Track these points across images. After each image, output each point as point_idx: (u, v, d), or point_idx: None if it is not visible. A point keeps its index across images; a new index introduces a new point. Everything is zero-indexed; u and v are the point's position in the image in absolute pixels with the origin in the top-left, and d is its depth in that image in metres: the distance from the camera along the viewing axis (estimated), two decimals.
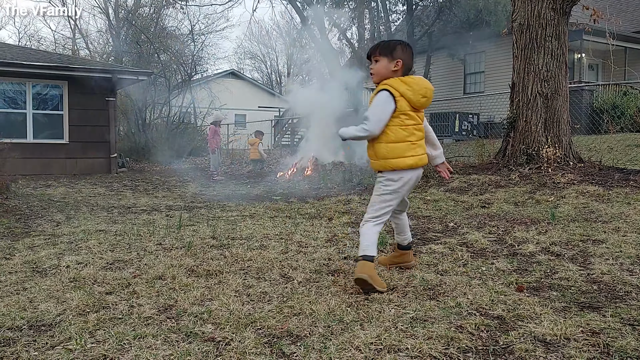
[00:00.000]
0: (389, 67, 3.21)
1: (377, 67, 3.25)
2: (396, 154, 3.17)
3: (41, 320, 2.62)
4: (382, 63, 3.23)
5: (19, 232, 5.17)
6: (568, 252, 3.96)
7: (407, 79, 3.19)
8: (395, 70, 3.21)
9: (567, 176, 7.07)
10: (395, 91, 3.12)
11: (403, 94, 3.13)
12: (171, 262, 3.76)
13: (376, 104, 3.15)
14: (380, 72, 3.24)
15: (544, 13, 7.89)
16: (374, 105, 3.16)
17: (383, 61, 3.22)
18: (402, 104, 3.13)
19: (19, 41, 41.84)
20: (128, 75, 15.53)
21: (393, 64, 3.21)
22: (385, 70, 3.22)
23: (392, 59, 3.20)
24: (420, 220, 5.64)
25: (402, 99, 3.12)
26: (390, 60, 3.21)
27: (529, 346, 2.25)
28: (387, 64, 3.21)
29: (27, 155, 13.33)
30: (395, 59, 3.20)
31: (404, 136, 3.17)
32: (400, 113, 3.14)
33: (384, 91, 3.14)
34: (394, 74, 3.22)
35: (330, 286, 3.18)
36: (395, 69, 3.21)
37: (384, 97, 3.13)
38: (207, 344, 2.30)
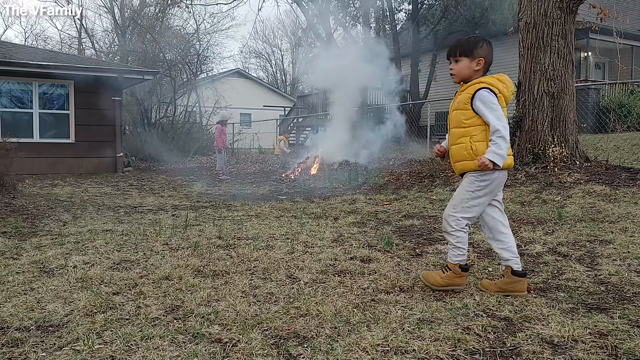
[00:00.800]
0: (471, 66, 3.10)
1: (458, 68, 3.13)
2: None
3: (49, 321, 2.63)
4: (463, 63, 3.11)
5: (26, 231, 5.19)
6: (575, 253, 3.94)
7: (501, 77, 3.11)
8: (477, 70, 3.11)
9: (573, 176, 7.04)
10: (496, 89, 3.04)
11: (501, 92, 3.06)
12: (178, 263, 3.77)
13: (492, 105, 2.97)
14: (462, 72, 3.13)
15: (551, 12, 7.86)
16: (490, 106, 2.97)
17: (464, 61, 3.10)
18: (501, 100, 3.05)
19: (25, 41, 42.01)
20: (134, 74, 15.57)
21: (475, 63, 3.10)
22: (467, 70, 3.11)
23: (474, 57, 3.09)
24: (427, 220, 5.63)
25: (501, 96, 3.05)
26: (471, 59, 3.09)
27: (536, 348, 2.25)
28: (469, 64, 3.10)
29: (34, 154, 13.38)
30: (477, 57, 3.09)
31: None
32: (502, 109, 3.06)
33: (486, 89, 3.01)
34: (475, 74, 3.11)
35: (336, 287, 3.18)
36: (478, 68, 3.10)
37: (490, 95, 2.99)
38: (214, 345, 2.31)
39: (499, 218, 3.14)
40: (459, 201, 3.08)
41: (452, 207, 3.11)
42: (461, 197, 3.08)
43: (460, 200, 3.08)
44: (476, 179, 3.04)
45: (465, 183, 3.10)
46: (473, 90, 3.03)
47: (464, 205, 3.06)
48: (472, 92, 3.03)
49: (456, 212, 3.08)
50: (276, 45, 56.48)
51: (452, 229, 3.08)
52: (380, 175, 9.90)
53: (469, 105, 3.03)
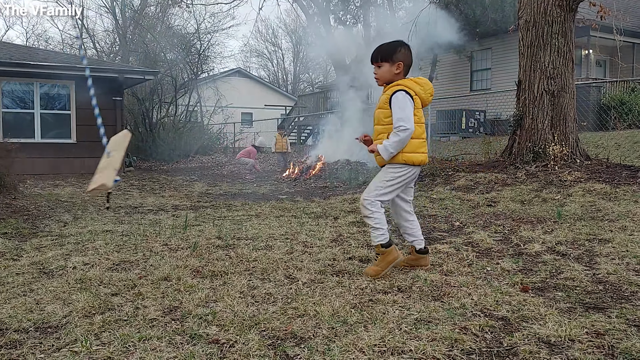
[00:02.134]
0: (392, 70, 3.41)
1: (380, 72, 3.45)
2: (411, 149, 3.35)
3: (47, 322, 2.64)
4: (384, 68, 3.42)
5: (26, 232, 5.20)
6: (574, 252, 3.94)
7: (418, 79, 3.43)
8: (397, 73, 3.42)
9: (574, 174, 7.04)
10: (411, 91, 3.33)
11: (417, 94, 3.36)
12: (177, 263, 3.78)
13: (401, 104, 3.27)
14: (384, 76, 3.44)
15: (551, 10, 7.85)
16: (400, 105, 3.27)
17: (385, 66, 3.42)
18: (417, 101, 3.36)
19: (26, 41, 42.09)
20: (135, 74, 15.59)
21: (395, 67, 3.40)
22: (388, 74, 3.42)
23: (393, 62, 3.40)
24: (426, 219, 5.63)
25: (417, 97, 3.35)
26: (392, 64, 3.40)
27: (533, 348, 2.25)
28: (390, 68, 3.41)
29: (35, 155, 13.40)
30: (396, 62, 3.40)
31: (419, 133, 3.39)
32: (416, 110, 3.34)
33: (401, 91, 3.30)
34: (397, 77, 3.42)
35: (334, 287, 3.19)
36: (398, 71, 3.41)
37: (403, 96, 3.29)
38: (212, 346, 2.31)
39: (407, 210, 3.60)
40: (373, 188, 3.40)
41: (367, 192, 3.42)
42: (376, 184, 3.41)
43: (375, 187, 3.40)
44: (392, 170, 3.38)
45: (381, 173, 3.44)
46: (391, 92, 3.33)
47: (379, 191, 3.38)
48: (390, 94, 3.33)
49: (370, 195, 3.38)
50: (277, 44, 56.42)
51: (369, 212, 3.37)
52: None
53: (388, 105, 3.34)
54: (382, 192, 3.38)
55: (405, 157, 3.34)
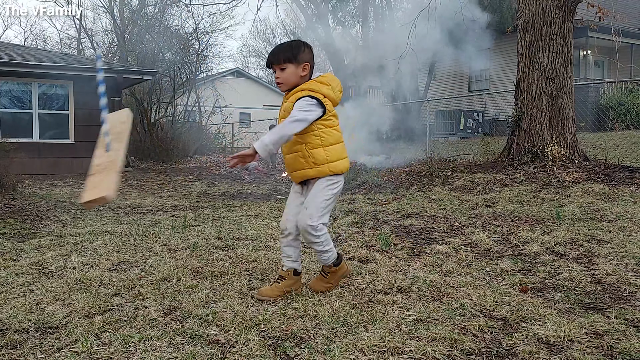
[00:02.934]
0: (298, 72, 3.00)
1: (284, 76, 3.01)
2: (336, 156, 3.01)
3: (47, 323, 2.64)
4: (289, 69, 2.99)
5: (25, 233, 5.20)
6: (572, 252, 3.95)
7: (323, 78, 3.03)
8: (304, 75, 3.01)
9: (572, 174, 7.06)
10: (319, 94, 2.94)
11: (327, 95, 2.98)
12: (176, 264, 3.78)
13: (303, 106, 2.87)
14: (289, 80, 3.01)
15: (549, 11, 7.87)
16: (301, 107, 2.86)
17: (290, 67, 2.98)
18: (329, 105, 2.98)
19: (24, 41, 42.01)
20: (133, 74, 15.59)
21: (301, 69, 3.00)
22: (294, 77, 3.00)
23: (299, 63, 2.99)
24: (425, 220, 5.64)
25: (327, 100, 2.97)
26: (297, 65, 2.99)
27: (532, 348, 2.26)
28: (295, 70, 2.99)
29: (34, 155, 13.39)
30: (302, 62, 2.99)
31: (338, 137, 3.05)
32: (330, 115, 2.99)
33: (308, 97, 2.90)
34: (302, 79, 3.01)
35: (334, 287, 3.19)
36: (304, 73, 3.01)
37: (307, 103, 2.88)
38: (212, 347, 2.32)
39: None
40: (314, 212, 2.97)
41: (308, 218, 2.97)
42: (317, 205, 2.98)
43: (315, 210, 2.98)
44: (327, 186, 3.00)
45: (317, 191, 3.01)
46: (295, 98, 2.93)
47: (319, 213, 2.98)
48: (294, 102, 2.93)
49: (314, 221, 2.96)
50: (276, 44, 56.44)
51: (315, 237, 2.99)
52: (380, 174, 9.91)
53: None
54: (323, 213, 3.00)
55: (332, 167, 2.98)
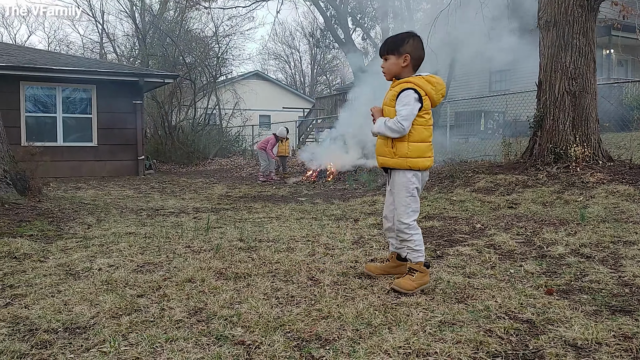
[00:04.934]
0: (399, 63, 3.21)
1: (387, 65, 3.26)
2: (417, 153, 3.17)
3: (76, 323, 2.69)
4: (391, 60, 3.23)
5: (51, 234, 5.28)
6: (598, 254, 3.90)
7: (430, 78, 3.19)
8: (405, 66, 3.21)
9: (596, 175, 6.96)
10: (422, 90, 3.12)
11: (428, 93, 3.14)
12: (200, 265, 3.81)
13: (406, 101, 3.09)
14: (391, 69, 3.25)
15: (571, 10, 7.78)
16: (405, 102, 3.09)
17: (392, 58, 3.22)
18: (427, 103, 3.14)
19: (48, 46, 42.74)
20: (154, 78, 15.78)
21: (402, 60, 3.20)
22: (395, 67, 3.22)
23: (400, 54, 3.20)
24: (447, 222, 5.61)
25: (427, 98, 3.13)
26: (397, 56, 3.20)
27: (559, 351, 2.24)
28: (396, 61, 3.21)
29: (58, 158, 13.61)
30: (402, 54, 3.19)
31: (426, 136, 3.20)
32: (425, 112, 3.15)
33: (410, 90, 3.10)
34: (404, 70, 3.22)
35: (357, 289, 3.20)
36: (405, 64, 3.20)
37: (411, 95, 3.09)
38: (237, 347, 2.34)
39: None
40: (402, 207, 3.21)
41: (400, 215, 3.22)
42: (400, 204, 3.22)
43: (403, 206, 3.21)
44: (404, 182, 3.20)
45: (399, 189, 3.22)
46: (399, 89, 3.14)
47: (407, 210, 3.20)
48: (398, 91, 3.13)
49: (404, 219, 3.20)
50: (295, 46, 56.57)
51: (408, 235, 3.20)
52: None
53: (394, 102, 3.15)
54: (411, 209, 3.20)
55: (410, 162, 3.17)
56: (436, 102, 3.20)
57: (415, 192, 3.22)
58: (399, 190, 3.23)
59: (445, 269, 3.64)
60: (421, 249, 3.22)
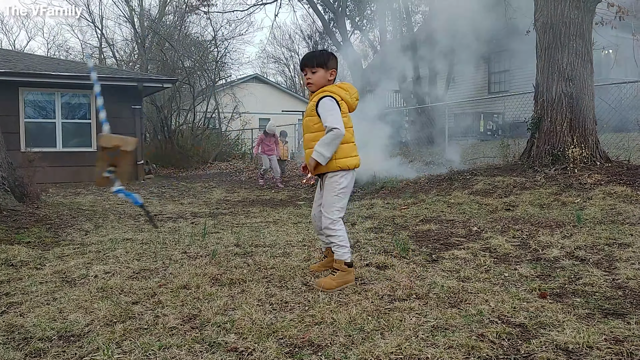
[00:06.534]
0: (326, 76, 3.51)
1: (315, 78, 3.50)
2: (344, 154, 3.41)
3: (70, 331, 2.70)
4: (319, 74, 3.49)
5: (49, 241, 5.30)
6: (593, 257, 3.91)
7: (343, 85, 3.53)
8: (330, 80, 3.53)
9: (593, 176, 6.97)
10: (337, 96, 3.40)
11: (343, 98, 3.44)
12: (196, 271, 3.82)
13: (329, 108, 3.33)
14: (319, 82, 3.50)
15: (568, 12, 7.79)
16: (327, 109, 3.33)
17: (320, 72, 3.49)
18: (344, 106, 3.44)
19: (47, 52, 42.78)
20: (153, 83, 15.77)
21: (329, 74, 3.51)
22: (323, 80, 3.50)
23: (328, 68, 3.50)
24: (444, 225, 5.61)
25: (343, 102, 3.43)
26: (326, 70, 3.50)
27: (550, 355, 2.24)
28: (324, 74, 3.50)
29: (57, 163, 13.61)
30: (330, 68, 3.51)
31: (348, 137, 3.44)
32: (343, 115, 3.38)
33: (327, 97, 3.37)
34: (329, 83, 3.53)
35: (351, 294, 3.20)
36: (331, 78, 3.54)
37: (330, 101, 3.36)
38: (230, 354, 2.35)
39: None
40: (329, 205, 3.45)
41: (326, 212, 3.46)
42: (330, 201, 3.45)
43: (329, 204, 3.45)
44: (335, 181, 3.43)
45: (328, 188, 3.47)
46: (317, 98, 3.41)
47: (334, 208, 3.44)
48: (316, 101, 3.40)
49: (330, 215, 3.44)
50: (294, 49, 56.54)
51: (332, 231, 3.43)
52: (398, 179, 9.88)
53: (315, 111, 3.41)
54: (337, 207, 3.44)
55: (339, 163, 3.40)
56: (352, 105, 3.53)
57: (343, 191, 3.46)
58: (327, 190, 3.47)
59: (440, 273, 3.65)
60: (346, 245, 3.44)
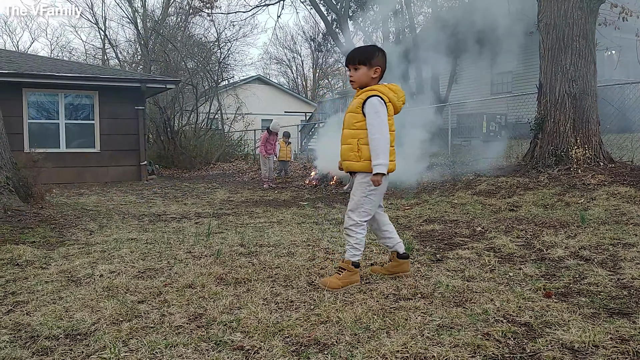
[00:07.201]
0: (369, 74, 3.38)
1: (357, 75, 3.40)
2: None
3: (77, 330, 2.71)
4: (362, 71, 3.38)
5: (54, 241, 5.31)
6: (598, 257, 3.91)
7: (392, 86, 3.42)
8: (374, 77, 3.40)
9: (597, 177, 6.97)
10: (385, 97, 3.32)
11: (391, 100, 3.36)
12: (201, 271, 3.83)
13: (376, 110, 3.26)
14: (361, 79, 3.40)
15: (571, 12, 7.80)
16: (375, 112, 3.26)
17: (363, 69, 3.38)
18: (390, 108, 3.35)
19: (51, 52, 42.91)
20: (156, 83, 15.80)
21: (372, 71, 3.38)
22: (365, 77, 3.39)
23: (371, 66, 3.37)
24: (448, 225, 5.62)
25: (390, 104, 3.34)
26: (369, 67, 3.38)
27: (556, 354, 2.25)
28: (367, 72, 3.38)
29: (60, 164, 13.66)
30: (374, 66, 3.38)
31: (390, 140, 3.34)
32: (388, 118, 3.32)
33: (375, 97, 3.29)
34: (372, 81, 3.40)
35: (356, 293, 3.21)
36: (375, 75, 3.40)
37: (379, 103, 3.27)
38: (236, 353, 2.35)
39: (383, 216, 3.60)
40: (357, 205, 3.39)
41: (351, 212, 3.41)
42: (357, 203, 3.39)
43: (357, 204, 3.39)
44: (368, 183, 3.33)
45: (356, 188, 3.41)
46: (365, 96, 3.32)
47: (361, 210, 3.38)
48: (364, 99, 3.31)
49: (355, 216, 3.39)
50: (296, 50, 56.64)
51: (353, 232, 3.40)
52: (402, 179, 9.89)
53: (360, 109, 3.32)
54: (363, 209, 3.38)
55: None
56: (398, 108, 3.43)
57: (373, 193, 3.37)
58: (357, 190, 3.39)
59: (445, 273, 3.65)
60: (360, 249, 3.42)
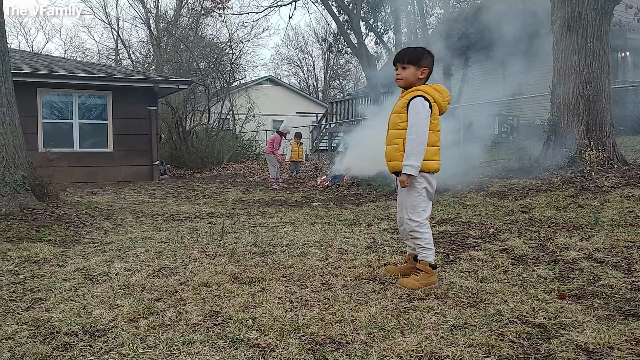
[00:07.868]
0: (416, 74, 3.42)
1: (405, 74, 3.44)
2: (427, 156, 3.34)
3: (95, 326, 2.75)
4: (409, 70, 3.43)
5: (69, 239, 5.38)
6: (612, 259, 3.90)
7: (437, 86, 3.45)
8: (421, 78, 3.44)
9: (611, 179, 6.93)
10: (430, 97, 3.34)
11: (436, 100, 3.37)
12: (215, 270, 3.87)
13: (418, 110, 3.29)
14: (408, 79, 3.44)
15: (585, 13, 7.77)
16: (416, 112, 3.29)
17: (411, 69, 3.42)
18: (435, 109, 3.36)
19: (64, 53, 43.29)
20: (169, 84, 15.92)
21: (420, 72, 3.42)
22: (413, 77, 3.43)
23: (419, 67, 3.42)
24: (460, 226, 5.62)
25: (435, 105, 3.36)
26: (417, 68, 3.42)
27: (571, 355, 2.25)
28: (415, 72, 3.42)
29: (74, 163, 13.78)
30: (422, 67, 3.42)
31: (434, 140, 3.39)
32: (433, 118, 3.35)
33: (420, 97, 3.31)
34: (419, 81, 3.44)
35: (370, 293, 3.23)
36: (422, 76, 3.43)
37: (423, 103, 3.29)
38: (253, 350, 2.38)
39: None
40: (413, 207, 3.41)
41: (409, 214, 3.42)
42: (412, 202, 3.41)
43: (414, 205, 3.40)
44: (417, 182, 3.37)
45: (410, 189, 3.39)
46: (410, 97, 3.35)
47: (419, 210, 3.40)
48: (409, 99, 3.34)
49: (415, 217, 3.40)
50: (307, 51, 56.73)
51: (419, 233, 3.41)
52: None
53: (405, 109, 3.35)
54: (421, 208, 3.39)
55: (422, 165, 3.33)
56: (443, 108, 3.44)
57: (424, 192, 3.40)
58: (409, 192, 3.41)
59: (458, 274, 3.66)
60: (431, 248, 3.42)
